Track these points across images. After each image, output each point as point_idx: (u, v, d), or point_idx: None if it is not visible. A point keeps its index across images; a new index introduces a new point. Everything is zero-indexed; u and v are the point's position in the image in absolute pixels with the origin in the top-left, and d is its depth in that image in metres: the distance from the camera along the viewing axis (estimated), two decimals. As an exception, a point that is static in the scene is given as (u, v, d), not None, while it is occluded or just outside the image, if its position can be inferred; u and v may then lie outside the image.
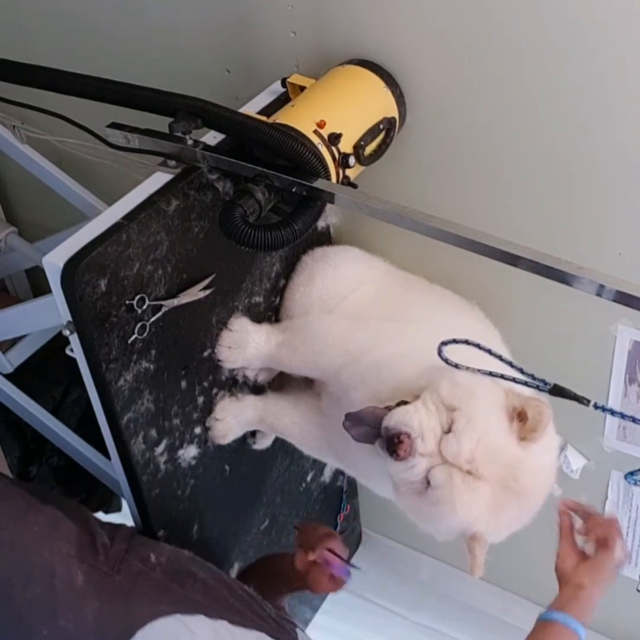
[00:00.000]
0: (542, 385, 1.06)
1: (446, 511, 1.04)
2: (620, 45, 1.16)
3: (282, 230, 1.12)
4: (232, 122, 1.17)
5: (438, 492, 1.04)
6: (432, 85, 1.34)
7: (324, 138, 1.20)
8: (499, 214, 1.40)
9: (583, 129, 1.26)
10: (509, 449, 1.05)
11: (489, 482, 1.03)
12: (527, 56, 1.24)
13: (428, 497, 1.05)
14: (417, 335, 1.29)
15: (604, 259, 1.32)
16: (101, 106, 1.24)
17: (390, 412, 1.06)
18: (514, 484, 1.05)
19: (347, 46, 1.37)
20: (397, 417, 1.04)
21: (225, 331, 1.38)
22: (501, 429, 1.05)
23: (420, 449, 1.03)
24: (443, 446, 1.03)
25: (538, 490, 1.08)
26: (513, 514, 1.07)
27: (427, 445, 1.03)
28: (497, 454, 1.04)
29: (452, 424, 1.04)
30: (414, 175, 1.46)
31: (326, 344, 1.34)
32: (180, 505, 1.42)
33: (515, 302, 1.47)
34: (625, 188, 1.28)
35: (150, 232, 1.16)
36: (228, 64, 1.55)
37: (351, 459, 1.37)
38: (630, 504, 1.65)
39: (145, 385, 1.25)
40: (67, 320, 1.13)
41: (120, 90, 1.23)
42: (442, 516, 1.06)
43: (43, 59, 1.36)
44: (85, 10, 1.67)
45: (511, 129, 1.32)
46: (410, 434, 1.02)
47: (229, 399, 1.44)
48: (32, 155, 1.68)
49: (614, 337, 1.43)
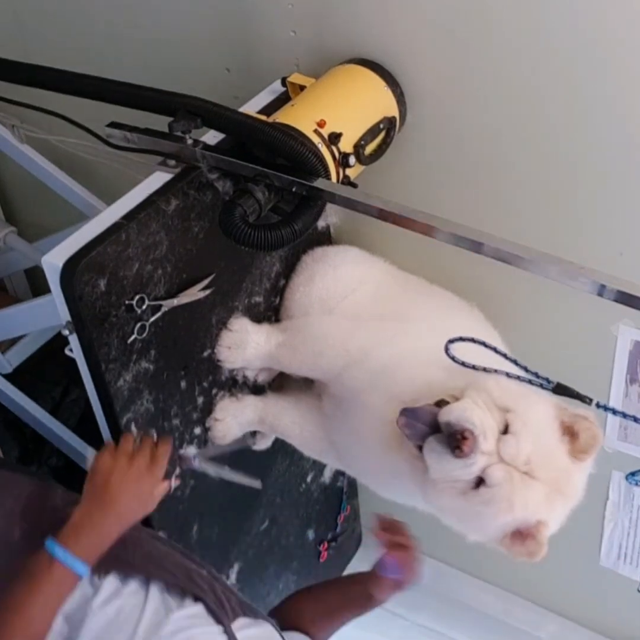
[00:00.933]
0: (545, 384, 1.06)
1: (502, 509, 1.04)
2: (625, 44, 1.16)
3: (282, 230, 1.12)
4: (232, 122, 1.17)
5: (494, 491, 1.03)
6: (433, 85, 1.34)
7: (324, 137, 1.20)
8: (500, 213, 1.40)
9: (585, 128, 1.26)
10: (561, 458, 1.06)
11: (545, 484, 1.04)
12: (527, 55, 1.24)
13: (479, 496, 1.05)
14: (421, 335, 1.29)
15: (605, 259, 1.32)
16: (101, 105, 1.24)
17: (449, 406, 1.04)
18: (565, 488, 1.06)
19: (347, 45, 1.37)
20: (458, 412, 1.03)
21: (225, 331, 1.37)
22: (554, 437, 1.06)
23: (482, 446, 1.02)
24: (501, 446, 1.03)
25: (579, 496, 1.10)
26: (560, 513, 1.08)
27: (489, 443, 1.03)
28: (551, 459, 1.05)
29: (509, 425, 1.04)
30: (414, 175, 1.45)
31: (326, 344, 1.34)
32: (180, 505, 1.42)
33: (516, 302, 1.47)
34: (627, 188, 1.28)
35: (150, 232, 1.16)
36: (228, 63, 1.55)
37: (353, 459, 1.36)
38: (632, 505, 1.65)
39: (145, 385, 1.25)
40: (66, 320, 1.13)
41: (120, 90, 1.23)
42: (495, 514, 1.05)
43: (42, 58, 1.36)
44: (85, 9, 1.67)
45: (511, 128, 1.32)
46: (473, 431, 1.01)
47: (229, 399, 1.44)
48: (31, 155, 1.68)
49: (615, 337, 1.43)
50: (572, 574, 1.82)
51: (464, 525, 1.12)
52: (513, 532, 1.07)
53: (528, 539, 1.06)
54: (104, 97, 1.24)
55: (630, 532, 1.69)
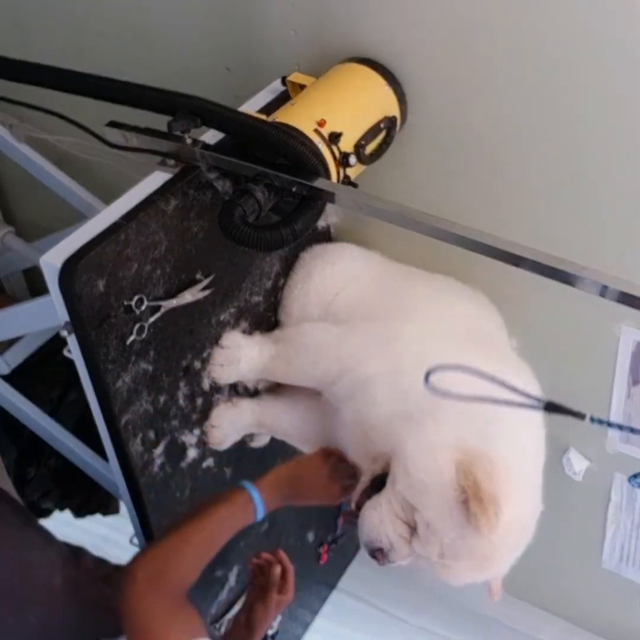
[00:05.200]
0: (536, 405, 1.03)
1: (449, 582, 1.11)
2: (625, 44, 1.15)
3: (282, 230, 1.11)
4: (232, 121, 1.17)
5: (432, 569, 1.11)
6: (434, 84, 1.33)
7: (325, 137, 1.19)
8: (501, 213, 1.40)
9: (586, 128, 1.25)
10: (473, 543, 1.06)
11: (467, 560, 1.08)
12: (528, 55, 1.23)
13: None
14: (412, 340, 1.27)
15: (607, 259, 1.31)
16: (100, 105, 1.23)
17: (361, 524, 1.13)
18: (488, 563, 1.09)
19: (347, 44, 1.36)
20: (367, 534, 1.12)
21: (217, 349, 1.36)
22: (457, 523, 1.06)
23: (393, 557, 1.12)
24: (415, 546, 1.10)
25: (519, 543, 1.13)
26: (504, 562, 1.12)
27: (400, 552, 1.11)
28: (462, 549, 1.07)
29: (416, 526, 1.09)
30: (415, 175, 1.45)
31: (320, 354, 1.33)
32: (178, 507, 1.42)
33: (517, 302, 1.46)
34: (629, 188, 1.28)
35: (149, 232, 1.15)
36: (228, 62, 1.55)
37: (354, 459, 1.36)
38: (634, 507, 1.65)
39: (144, 386, 1.24)
40: (64, 321, 1.13)
41: (119, 89, 1.23)
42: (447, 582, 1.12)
43: (41, 56, 1.35)
44: (85, 8, 1.67)
45: (512, 128, 1.32)
46: (382, 549, 1.11)
47: (225, 404, 1.43)
48: (29, 154, 1.68)
49: (617, 338, 1.43)
50: (574, 577, 1.82)
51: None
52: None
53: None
54: (103, 96, 1.24)
55: (633, 534, 1.69)
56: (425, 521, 1.07)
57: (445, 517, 1.06)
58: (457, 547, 1.06)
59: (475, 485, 1.04)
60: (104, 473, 1.55)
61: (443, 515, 1.06)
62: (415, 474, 1.09)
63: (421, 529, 1.08)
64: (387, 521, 1.11)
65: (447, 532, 1.06)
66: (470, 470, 1.05)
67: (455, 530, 1.06)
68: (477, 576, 1.11)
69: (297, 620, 1.98)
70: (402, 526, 1.10)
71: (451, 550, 1.07)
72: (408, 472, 1.10)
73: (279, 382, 1.45)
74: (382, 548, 1.11)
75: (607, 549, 1.75)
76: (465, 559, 1.07)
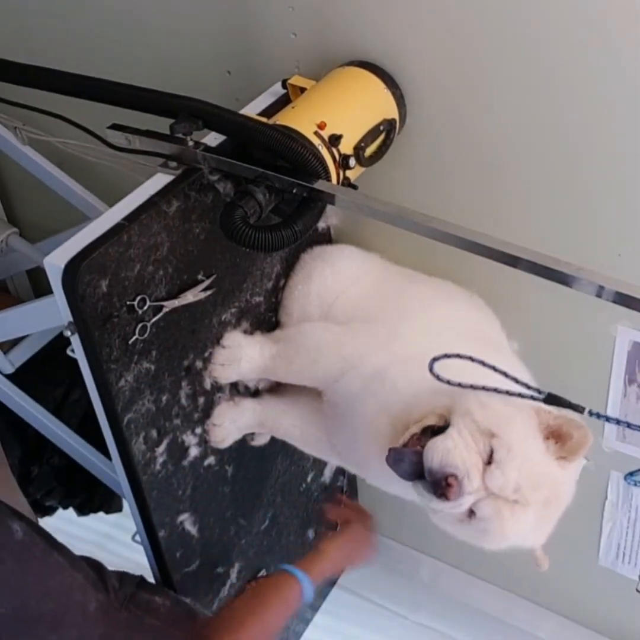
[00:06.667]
0: (536, 395, 1.04)
1: (496, 539, 1.05)
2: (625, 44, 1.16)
3: (282, 231, 1.12)
4: (233, 124, 1.18)
5: (485, 524, 1.03)
6: (433, 87, 1.34)
7: (325, 139, 1.20)
8: (499, 215, 1.41)
9: (584, 130, 1.26)
10: (550, 471, 1.05)
11: (535, 505, 1.03)
12: (528, 58, 1.24)
13: (474, 526, 1.05)
14: (413, 338, 1.28)
15: (603, 260, 1.32)
16: (102, 107, 1.24)
17: (430, 449, 1.03)
18: (556, 500, 1.06)
19: (347, 48, 1.37)
20: (440, 457, 1.02)
21: (218, 348, 1.37)
22: (540, 451, 1.04)
23: (467, 489, 1.01)
24: (488, 479, 1.02)
25: (570, 495, 1.09)
26: (554, 519, 1.09)
27: (474, 482, 1.02)
28: (540, 478, 1.03)
29: (493, 453, 1.02)
30: (414, 177, 1.46)
31: (320, 352, 1.33)
32: (180, 505, 1.43)
33: (514, 303, 1.47)
34: (626, 189, 1.28)
35: (151, 233, 1.16)
36: (229, 65, 1.56)
37: (355, 459, 1.37)
38: (630, 505, 1.65)
39: (146, 385, 1.25)
40: (68, 321, 1.14)
41: (121, 92, 1.24)
42: (491, 543, 1.07)
43: (44, 60, 1.36)
44: (87, 11, 1.67)
45: (512, 131, 1.32)
46: (457, 475, 1.01)
47: (227, 403, 1.43)
48: (33, 156, 1.69)
49: (614, 338, 1.43)
50: (571, 574, 1.83)
51: (468, 541, 1.13)
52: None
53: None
54: (105, 98, 1.25)
55: (629, 531, 1.70)
56: (508, 445, 1.02)
57: (530, 439, 1.04)
58: (534, 475, 1.02)
59: (564, 419, 1.04)
60: (107, 471, 1.56)
61: (527, 437, 1.04)
62: (494, 404, 1.05)
63: (502, 453, 1.01)
64: (461, 447, 1.02)
65: (529, 457, 1.03)
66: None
67: (536, 455, 1.03)
68: (530, 532, 1.06)
69: (298, 616, 1.98)
70: (476, 454, 1.02)
71: (528, 479, 1.01)
72: (485, 405, 1.05)
73: (280, 381, 1.45)
74: (457, 475, 1.01)
75: (604, 546, 1.75)
76: (537, 492, 1.02)
